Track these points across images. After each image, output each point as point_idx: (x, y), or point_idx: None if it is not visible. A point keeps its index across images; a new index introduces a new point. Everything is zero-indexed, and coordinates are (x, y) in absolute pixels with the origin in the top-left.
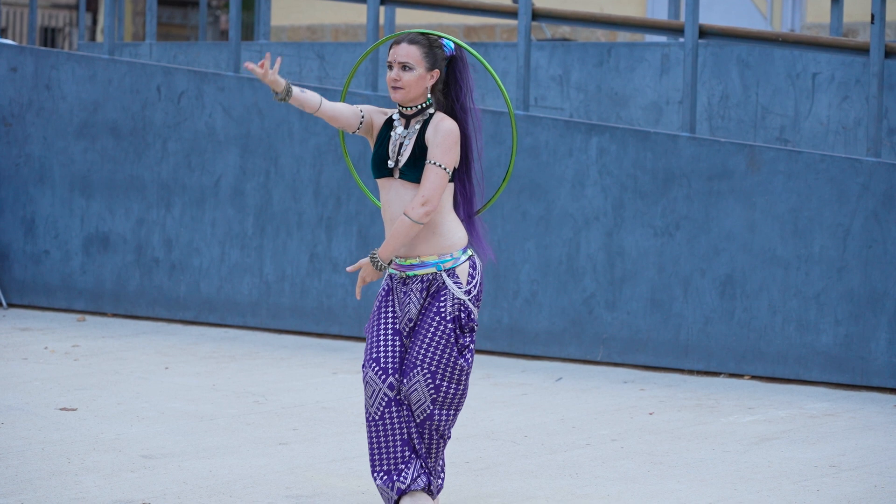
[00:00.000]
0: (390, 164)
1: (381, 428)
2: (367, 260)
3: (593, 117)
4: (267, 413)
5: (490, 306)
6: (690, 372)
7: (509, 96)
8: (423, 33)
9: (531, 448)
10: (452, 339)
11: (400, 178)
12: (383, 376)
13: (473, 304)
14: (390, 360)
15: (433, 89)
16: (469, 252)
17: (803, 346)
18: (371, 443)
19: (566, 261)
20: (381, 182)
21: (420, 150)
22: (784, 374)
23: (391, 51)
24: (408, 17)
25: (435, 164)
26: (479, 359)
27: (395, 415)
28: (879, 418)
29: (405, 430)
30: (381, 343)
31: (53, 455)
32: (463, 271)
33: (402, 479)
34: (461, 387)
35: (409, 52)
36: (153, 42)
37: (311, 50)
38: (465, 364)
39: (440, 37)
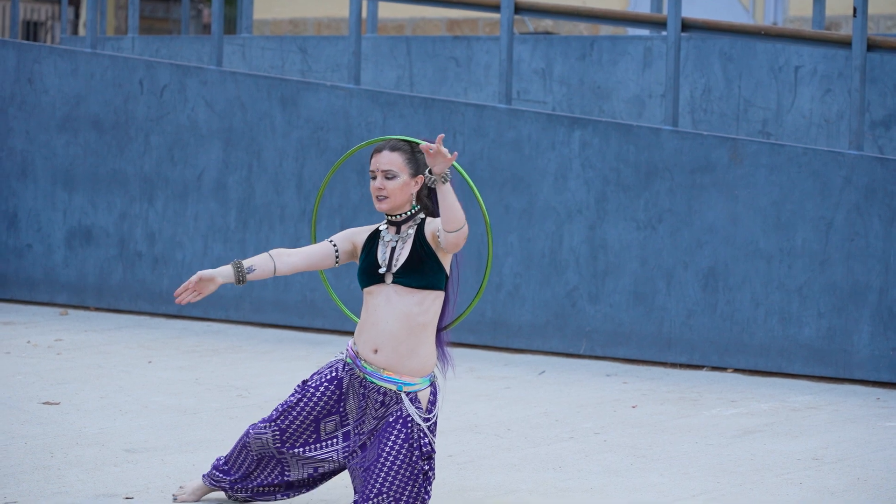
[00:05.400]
0: (381, 269)
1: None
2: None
3: (576, 111)
4: (250, 407)
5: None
6: (673, 365)
7: (492, 90)
8: (403, 140)
9: (514, 441)
10: (419, 469)
11: (394, 282)
12: (278, 445)
13: (431, 431)
14: (289, 438)
15: (419, 195)
16: (432, 378)
17: (786, 339)
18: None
19: (549, 254)
20: (369, 290)
21: (424, 252)
22: (767, 367)
23: (373, 160)
24: (390, 11)
25: None
26: (462, 352)
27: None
28: (862, 411)
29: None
30: (298, 423)
31: (36, 449)
32: (424, 396)
33: None
34: None
35: (391, 160)
36: (136, 36)
37: (294, 43)
38: (426, 495)
39: (420, 143)
